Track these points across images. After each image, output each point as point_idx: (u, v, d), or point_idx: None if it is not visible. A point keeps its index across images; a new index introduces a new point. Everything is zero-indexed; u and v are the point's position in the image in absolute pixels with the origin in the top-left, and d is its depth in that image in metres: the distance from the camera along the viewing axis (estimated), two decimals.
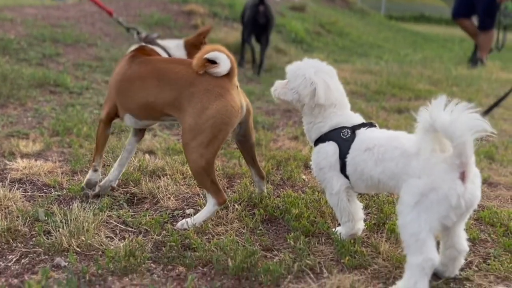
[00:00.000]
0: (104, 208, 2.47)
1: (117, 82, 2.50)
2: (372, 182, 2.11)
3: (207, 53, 2.24)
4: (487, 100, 5.87)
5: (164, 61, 2.48)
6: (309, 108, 2.28)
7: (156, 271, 2.02)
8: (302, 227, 2.38)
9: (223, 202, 2.36)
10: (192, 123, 2.26)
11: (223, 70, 2.26)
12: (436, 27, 19.40)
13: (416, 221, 1.86)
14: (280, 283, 1.98)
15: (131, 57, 2.53)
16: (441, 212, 1.85)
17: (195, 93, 2.27)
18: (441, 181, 1.84)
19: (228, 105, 2.25)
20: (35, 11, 7.56)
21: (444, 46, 12.95)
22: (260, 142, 3.60)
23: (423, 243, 1.84)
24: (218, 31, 8.05)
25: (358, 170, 2.13)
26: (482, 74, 7.76)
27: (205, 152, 2.26)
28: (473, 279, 2.08)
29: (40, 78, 4.70)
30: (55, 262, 2.03)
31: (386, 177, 2.04)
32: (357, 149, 2.13)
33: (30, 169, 2.89)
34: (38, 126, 3.70)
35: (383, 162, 2.04)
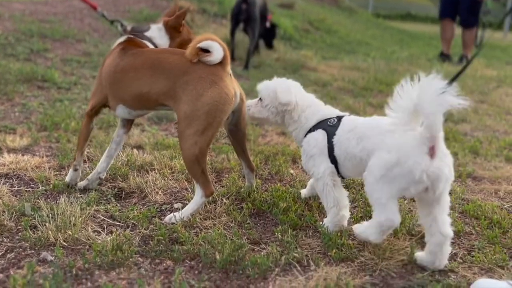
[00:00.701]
0: (92, 202, 2.44)
1: (110, 74, 2.48)
2: (355, 161, 2.21)
3: (200, 42, 2.25)
4: (472, 96, 5.90)
5: (157, 52, 2.47)
6: (291, 118, 2.44)
7: (143, 265, 2.00)
8: (290, 220, 2.37)
9: (210, 194, 2.35)
10: (188, 111, 2.26)
11: (216, 58, 2.27)
12: (422, 25, 19.50)
13: (379, 191, 2.01)
14: (267, 276, 1.97)
15: (122, 49, 2.51)
16: (403, 185, 1.97)
17: (189, 81, 2.27)
18: (407, 156, 1.95)
19: (222, 92, 2.26)
20: (23, 7, 7.49)
21: (430, 43, 12.99)
22: (249, 137, 3.59)
23: (386, 205, 2.00)
24: (207, 27, 8.02)
25: (342, 149, 2.25)
26: (467, 71, 7.78)
27: (199, 140, 2.25)
28: (457, 271, 2.09)
29: (28, 73, 4.65)
30: (41, 257, 2.00)
31: (365, 155, 2.14)
32: (342, 131, 2.27)
33: (17, 164, 2.86)
34: (26, 121, 3.66)
35: (362, 140, 2.17)
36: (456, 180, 3.13)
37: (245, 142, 2.63)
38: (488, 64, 8.99)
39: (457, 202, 2.75)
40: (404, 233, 2.34)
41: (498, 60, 9.90)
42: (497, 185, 3.08)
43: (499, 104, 5.57)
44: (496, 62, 9.45)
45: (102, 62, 2.66)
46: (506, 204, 2.81)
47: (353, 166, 2.25)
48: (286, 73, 6.31)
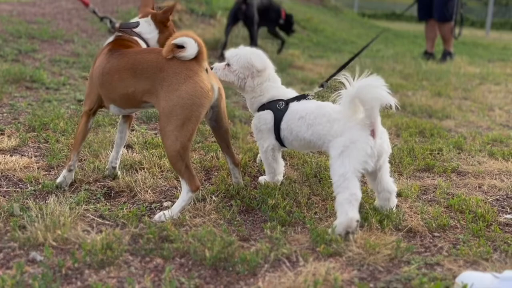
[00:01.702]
0: (81, 202, 2.42)
1: (99, 76, 2.49)
2: (304, 142, 2.59)
3: (175, 39, 2.27)
4: (455, 93, 5.93)
5: (136, 52, 2.47)
6: (250, 87, 2.70)
7: (133, 263, 1.98)
8: (279, 217, 2.36)
9: (196, 188, 2.34)
10: (165, 107, 2.27)
11: (190, 53, 2.28)
12: (406, 24, 19.53)
13: (342, 166, 2.31)
14: (257, 272, 1.96)
15: (109, 50, 2.51)
16: (361, 158, 2.31)
17: (165, 77, 2.29)
18: (357, 136, 2.34)
19: (197, 86, 2.27)
20: (10, 8, 7.43)
21: (414, 42, 13.03)
22: (237, 135, 3.58)
23: (349, 181, 2.28)
24: (195, 27, 8.00)
25: (293, 134, 2.60)
26: (450, 69, 7.83)
27: (179, 135, 2.26)
28: (443, 264, 2.10)
29: (16, 74, 4.60)
30: (30, 257, 1.97)
31: (315, 138, 2.51)
32: (292, 118, 2.60)
33: (5, 164, 2.82)
34: (14, 121, 3.62)
35: (313, 126, 2.51)
36: (441, 175, 3.14)
37: (228, 138, 2.63)
38: (471, 61, 9.04)
39: (442, 197, 2.76)
40: (391, 228, 2.35)
41: (480, 58, 9.95)
42: (481, 180, 3.10)
43: (482, 101, 5.60)
44: (479, 60, 9.50)
45: (92, 63, 2.64)
46: (490, 198, 2.83)
47: (300, 145, 2.65)
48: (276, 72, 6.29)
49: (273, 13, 7.63)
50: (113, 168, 2.79)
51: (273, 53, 7.78)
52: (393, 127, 4.11)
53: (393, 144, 3.66)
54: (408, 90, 5.92)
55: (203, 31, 7.73)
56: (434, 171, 3.19)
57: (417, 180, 3.03)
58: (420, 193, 2.83)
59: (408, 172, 3.12)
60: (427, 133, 4.01)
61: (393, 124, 4.16)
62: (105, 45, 2.61)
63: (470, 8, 28.86)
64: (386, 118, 4.38)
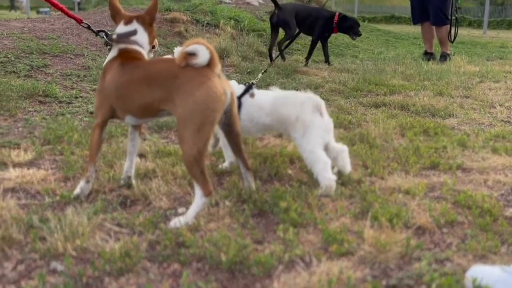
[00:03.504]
0: (98, 211, 2.43)
1: (114, 89, 2.51)
2: (262, 127, 2.95)
3: (187, 47, 2.29)
4: (457, 92, 5.91)
5: (150, 63, 2.51)
6: None
7: (151, 270, 1.98)
8: (291, 219, 2.36)
9: (209, 193, 2.35)
10: (182, 113, 2.29)
11: (202, 60, 2.29)
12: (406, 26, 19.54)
13: (308, 143, 2.75)
14: (272, 273, 1.96)
15: (120, 64, 2.54)
16: (319, 134, 2.77)
17: (180, 84, 2.30)
18: (313, 118, 2.78)
19: (210, 91, 2.28)
20: (21, 25, 7.46)
21: (414, 43, 13.03)
22: (246, 140, 3.58)
23: (318, 154, 2.73)
24: (201, 37, 7.98)
25: (254, 121, 2.92)
26: (451, 68, 7.81)
27: (196, 140, 2.27)
28: (453, 259, 2.09)
29: (29, 89, 4.62)
30: (51, 267, 1.98)
31: (275, 122, 2.89)
32: (251, 109, 2.91)
33: (23, 177, 2.84)
34: (29, 135, 3.64)
35: (272, 114, 2.88)
36: (447, 172, 3.13)
37: (240, 142, 2.64)
38: (470, 60, 9.01)
39: (449, 194, 2.75)
40: (401, 226, 2.34)
41: (479, 57, 9.92)
42: (485, 175, 3.08)
43: (483, 98, 5.58)
44: (478, 59, 9.47)
45: (101, 76, 2.65)
46: (495, 193, 2.82)
47: (257, 130, 2.99)
48: (280, 77, 6.31)
49: (321, 21, 7.58)
50: (128, 178, 2.80)
51: (278, 59, 7.80)
52: (398, 127, 4.11)
53: (398, 144, 3.67)
54: (411, 91, 5.91)
55: (209, 40, 7.71)
56: (439, 169, 3.18)
57: (423, 178, 3.02)
58: (427, 191, 2.82)
59: (415, 170, 3.12)
60: (431, 131, 4.00)
61: (398, 124, 4.15)
62: (111, 59, 2.63)
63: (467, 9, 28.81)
64: (391, 118, 4.38)
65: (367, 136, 3.75)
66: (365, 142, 3.64)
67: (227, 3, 14.73)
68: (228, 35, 8.38)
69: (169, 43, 7.57)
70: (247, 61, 7.39)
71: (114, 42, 2.66)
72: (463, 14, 23.07)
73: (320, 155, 2.73)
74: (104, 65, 2.67)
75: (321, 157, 2.72)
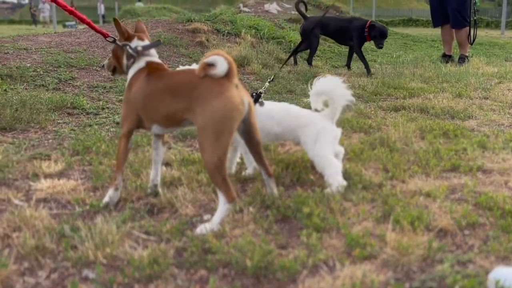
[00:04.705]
0: (126, 220, 2.46)
1: (140, 99, 2.58)
2: (273, 136, 3.04)
3: (207, 58, 2.34)
4: (476, 93, 5.86)
5: (173, 74, 2.59)
6: None
7: (179, 276, 2.00)
8: (314, 224, 2.36)
9: (232, 199, 2.37)
10: (202, 122, 2.33)
11: (220, 71, 2.33)
12: (424, 29, 19.41)
13: (321, 148, 2.86)
14: (296, 278, 1.97)
15: (147, 75, 2.61)
16: (331, 141, 2.91)
17: (199, 94, 2.35)
18: (327, 126, 2.92)
19: (228, 100, 2.31)
20: (48, 39, 7.58)
21: (433, 46, 12.93)
22: (268, 147, 3.59)
23: (330, 158, 2.85)
24: (221, 46, 8.05)
25: (265, 131, 2.94)
26: (469, 70, 7.74)
27: (216, 149, 2.30)
28: (475, 261, 2.08)
29: (57, 102, 4.69)
30: (83, 275, 2.01)
31: (287, 131, 3.00)
32: (262, 120, 2.87)
33: (54, 188, 2.89)
34: (59, 147, 3.70)
35: (282, 123, 2.98)
36: (467, 174, 3.11)
37: (260, 150, 2.65)
38: (488, 61, 8.92)
39: (470, 195, 2.73)
40: (422, 228, 2.33)
41: (497, 57, 9.82)
42: (506, 177, 3.05)
43: (502, 99, 5.52)
44: (496, 59, 9.37)
45: (126, 87, 2.70)
46: None
47: (269, 139, 3.07)
48: (299, 83, 6.31)
49: (354, 31, 7.57)
50: (154, 186, 2.83)
51: (297, 65, 7.80)
52: (417, 130, 4.08)
53: (418, 147, 3.65)
54: (430, 93, 5.87)
55: (230, 49, 7.78)
56: (460, 171, 3.16)
57: (444, 181, 3.00)
58: (448, 193, 2.80)
59: (435, 173, 3.10)
60: (450, 134, 3.97)
61: (417, 128, 4.12)
62: (138, 70, 2.69)
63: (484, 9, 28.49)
64: (410, 122, 4.36)
65: (387, 139, 3.73)
66: (385, 146, 3.62)
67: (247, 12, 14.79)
68: (248, 43, 8.40)
69: (191, 53, 7.62)
70: (268, 68, 7.40)
71: (140, 53, 2.73)
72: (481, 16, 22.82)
73: (332, 160, 2.84)
74: (131, 77, 2.72)
75: (333, 162, 2.84)
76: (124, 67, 2.83)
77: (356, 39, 7.53)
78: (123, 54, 2.81)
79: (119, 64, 2.87)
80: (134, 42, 2.79)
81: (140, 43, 2.79)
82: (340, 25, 7.77)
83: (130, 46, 2.76)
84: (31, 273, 2.04)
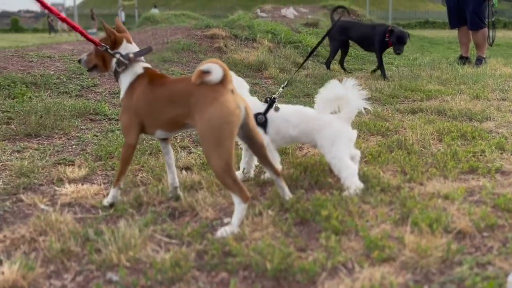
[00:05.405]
0: (149, 223, 2.48)
1: (143, 106, 2.61)
2: (289, 139, 3.06)
3: (202, 66, 2.37)
4: (493, 95, 5.81)
5: (172, 81, 2.63)
6: None
7: (200, 278, 2.02)
8: (332, 226, 2.36)
9: (247, 199, 2.39)
10: (202, 128, 2.38)
11: (215, 77, 2.36)
12: (440, 30, 19.26)
13: (337, 151, 2.87)
14: (316, 280, 1.97)
15: (148, 83, 2.63)
16: (347, 144, 2.92)
17: (196, 101, 2.40)
18: (342, 129, 2.93)
19: (223, 105, 2.35)
20: (71, 47, 7.67)
21: (450, 47, 12.85)
22: (286, 151, 3.60)
23: (346, 161, 2.86)
24: (239, 51, 8.07)
25: (281, 134, 3.01)
26: (487, 71, 7.67)
27: (220, 153, 2.33)
28: (494, 263, 2.05)
29: (80, 108, 4.76)
30: (107, 278, 2.04)
31: (303, 135, 3.01)
32: (278, 123, 2.99)
33: (78, 193, 2.92)
34: (82, 152, 3.74)
35: (298, 126, 2.99)
36: (486, 176, 3.08)
37: (264, 152, 2.66)
38: (506, 63, 8.83)
39: (489, 197, 2.71)
40: (441, 231, 2.32)
41: None
42: None
43: None
44: None
45: (125, 95, 2.69)
46: None
47: (284, 142, 3.11)
48: (317, 87, 6.28)
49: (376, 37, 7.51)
50: (174, 189, 2.85)
51: (314, 69, 7.78)
52: (435, 132, 4.06)
53: (436, 149, 3.63)
54: (447, 95, 5.83)
55: (247, 54, 7.80)
56: (478, 173, 3.13)
57: (462, 183, 2.98)
58: (466, 195, 2.78)
59: (453, 175, 3.07)
60: (468, 136, 3.94)
61: (435, 130, 4.10)
62: (137, 77, 2.68)
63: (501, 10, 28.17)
64: (428, 124, 4.33)
65: (404, 142, 3.72)
66: (403, 148, 3.61)
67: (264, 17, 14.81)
68: (265, 48, 8.42)
69: (209, 59, 7.65)
70: (285, 72, 7.41)
71: (132, 60, 2.71)
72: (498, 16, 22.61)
73: (348, 162, 2.86)
74: (128, 84, 2.70)
75: (349, 164, 2.85)
76: (111, 71, 2.80)
77: (377, 44, 7.45)
78: (111, 58, 2.76)
79: (104, 65, 2.82)
80: (123, 45, 2.75)
81: (130, 48, 2.76)
82: (364, 31, 7.75)
83: (121, 54, 2.72)
84: (57, 276, 2.08)
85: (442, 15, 22.74)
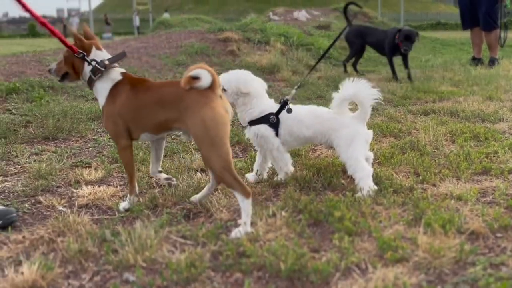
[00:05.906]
0: (164, 224, 2.50)
1: (128, 112, 2.61)
2: (303, 140, 3.07)
3: (191, 71, 2.38)
4: (506, 96, 5.76)
5: (160, 86, 2.64)
6: (242, 103, 3.03)
7: (215, 279, 2.03)
8: (345, 227, 2.36)
9: (249, 194, 2.40)
10: (195, 133, 2.42)
11: (204, 83, 2.39)
12: (452, 32, 19.14)
13: (354, 152, 2.86)
14: (329, 280, 1.97)
15: (131, 87, 2.63)
16: (363, 145, 2.92)
17: (187, 106, 2.43)
18: (359, 129, 2.92)
19: (214, 109, 2.39)
20: None
21: (462, 49, 12.77)
22: (299, 152, 3.60)
23: (361, 161, 2.85)
24: (252, 54, 8.10)
25: (294, 135, 3.02)
26: (499, 72, 7.62)
27: (217, 153, 2.37)
28: (508, 264, 2.04)
29: (96, 111, 4.80)
30: (124, 278, 2.05)
31: (319, 135, 3.00)
32: (291, 123, 2.99)
33: (95, 194, 2.95)
34: (99, 155, 3.77)
35: (312, 126, 2.99)
36: (499, 177, 3.06)
37: None
38: None
39: (502, 198, 2.69)
40: (454, 231, 2.31)
41: None
42: None
43: None
44: None
45: (107, 100, 2.66)
46: None
47: (298, 143, 3.13)
48: (329, 89, 6.30)
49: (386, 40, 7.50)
50: (159, 172, 2.98)
51: (327, 71, 7.78)
52: (448, 133, 4.04)
53: (449, 150, 3.61)
54: (460, 96, 5.80)
55: (260, 57, 7.82)
56: (491, 174, 3.12)
57: (475, 184, 2.96)
58: (479, 196, 2.77)
59: (466, 176, 3.06)
60: (481, 137, 3.92)
61: (448, 131, 4.08)
62: (116, 83, 2.66)
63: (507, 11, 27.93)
64: (440, 125, 4.32)
65: (417, 143, 3.70)
66: (415, 150, 3.60)
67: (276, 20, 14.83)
68: (278, 51, 8.44)
69: (223, 62, 7.69)
70: (297, 75, 7.42)
71: (108, 67, 2.69)
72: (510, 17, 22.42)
73: (364, 164, 2.86)
74: (109, 90, 2.67)
75: (365, 165, 2.86)
76: (84, 78, 2.76)
77: (388, 46, 7.43)
78: (83, 64, 2.72)
79: (75, 73, 2.77)
80: (93, 52, 2.72)
81: (100, 55, 2.73)
82: (379, 36, 7.74)
83: (97, 61, 2.69)
84: (75, 276, 2.10)
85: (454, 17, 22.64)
